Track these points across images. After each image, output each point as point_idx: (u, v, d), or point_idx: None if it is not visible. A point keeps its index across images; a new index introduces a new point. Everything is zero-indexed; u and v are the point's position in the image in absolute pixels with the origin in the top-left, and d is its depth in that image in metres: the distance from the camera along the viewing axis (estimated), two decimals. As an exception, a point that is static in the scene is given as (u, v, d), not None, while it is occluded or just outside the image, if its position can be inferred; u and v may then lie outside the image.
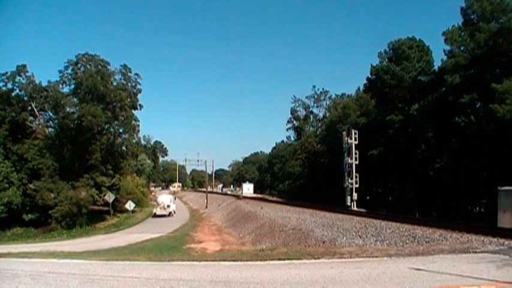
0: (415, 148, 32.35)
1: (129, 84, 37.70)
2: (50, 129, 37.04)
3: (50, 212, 29.90)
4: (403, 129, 34.03)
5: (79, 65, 34.79)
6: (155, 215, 38.48)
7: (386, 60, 37.64)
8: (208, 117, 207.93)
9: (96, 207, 35.98)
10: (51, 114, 36.63)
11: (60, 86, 35.01)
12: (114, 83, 36.86)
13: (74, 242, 22.90)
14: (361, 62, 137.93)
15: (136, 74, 38.31)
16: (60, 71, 34.83)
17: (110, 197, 33.55)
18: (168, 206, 39.42)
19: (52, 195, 30.53)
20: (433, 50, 36.40)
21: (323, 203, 32.94)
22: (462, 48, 30.23)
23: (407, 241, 11.98)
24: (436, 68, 34.70)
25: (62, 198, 30.10)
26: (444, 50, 32.72)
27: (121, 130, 38.84)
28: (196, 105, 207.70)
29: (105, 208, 36.26)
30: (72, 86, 35.14)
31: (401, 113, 35.15)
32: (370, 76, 39.00)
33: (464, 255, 8.70)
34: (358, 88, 51.84)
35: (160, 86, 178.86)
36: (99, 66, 35.10)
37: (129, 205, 35.22)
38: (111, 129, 37.93)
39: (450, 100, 28.19)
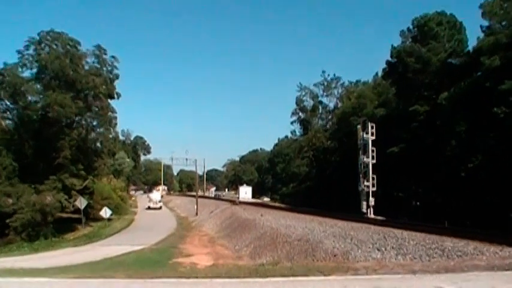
0: (444, 144, 32.29)
1: (104, 68, 37.79)
2: (7, 121, 36.76)
3: (7, 220, 29.58)
4: (429, 121, 33.94)
5: (43, 45, 34.55)
6: (149, 208, 57.96)
7: (410, 40, 37.60)
8: (198, 109, 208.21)
9: (64, 215, 35.88)
10: (8, 103, 36.13)
11: (20, 69, 34.65)
12: (86, 67, 36.80)
13: (37, 256, 22.80)
14: (379, 42, 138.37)
15: (112, 57, 38.46)
16: (19, 52, 34.48)
17: (81, 202, 33.47)
18: (160, 201, 61.18)
19: (10, 200, 30.34)
20: (467, 26, 36.42)
21: (334, 209, 33.01)
22: (504, 23, 29.86)
23: (434, 255, 11.98)
24: (470, 48, 34.52)
25: (22, 204, 29.90)
26: (481, 26, 32.45)
27: (95, 123, 38.93)
28: (184, 95, 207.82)
29: (76, 216, 36.15)
30: (35, 70, 34.97)
31: (427, 103, 35.04)
32: (390, 59, 38.96)
33: (505, 272, 8.62)
34: (376, 74, 52.26)
35: (141, 72, 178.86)
36: (68, 47, 34.90)
37: (105, 212, 35.20)
38: (83, 122, 37.88)
39: (487, 87, 27.96)
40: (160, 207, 59.53)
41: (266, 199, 76.18)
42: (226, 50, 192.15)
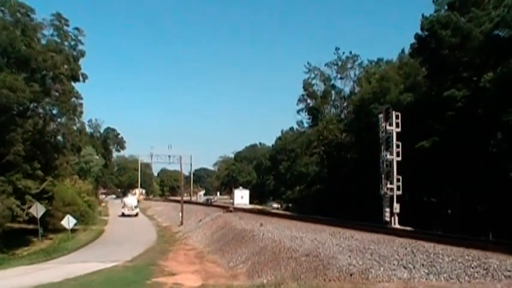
0: (488, 138, 32.27)
1: (66, 43, 37.80)
2: None
3: None
4: (469, 109, 33.86)
5: (-16, 12, 34.15)
6: (123, 215, 60.68)
7: (446, 7, 37.56)
8: (184, 96, 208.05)
9: (16, 225, 35.94)
10: None
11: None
12: (43, 41, 36.68)
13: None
14: (406, 12, 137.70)
15: (76, 29, 38.37)
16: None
17: (37, 209, 33.39)
18: (136, 207, 63.92)
19: None
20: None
21: (350, 217, 33.22)
22: None
23: (475, 275, 11.98)
24: (523, 16, 34.28)
25: (-39, 212, 29.85)
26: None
27: (55, 111, 38.92)
28: (166, 79, 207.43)
29: (31, 226, 36.26)
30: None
31: (466, 86, 34.93)
32: (420, 32, 39.01)
33: None
34: (402, 51, 52.55)
35: (113, 48, 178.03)
36: (18, 14, 34.53)
37: (68, 221, 35.12)
38: (40, 110, 37.79)
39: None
40: (136, 214, 62.57)
41: (275, 205, 73.54)
42: (216, 23, 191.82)
